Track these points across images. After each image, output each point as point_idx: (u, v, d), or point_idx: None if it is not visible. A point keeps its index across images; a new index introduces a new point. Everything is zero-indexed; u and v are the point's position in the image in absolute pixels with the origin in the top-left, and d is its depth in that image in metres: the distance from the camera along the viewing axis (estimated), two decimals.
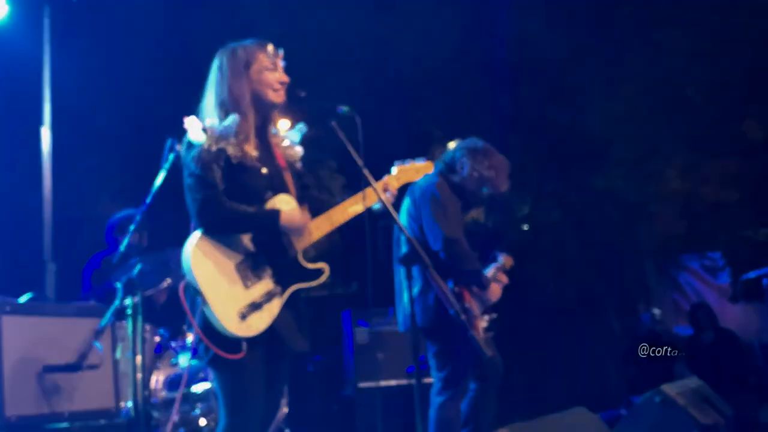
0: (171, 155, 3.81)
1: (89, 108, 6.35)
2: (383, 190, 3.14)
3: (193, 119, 2.89)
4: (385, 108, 8.35)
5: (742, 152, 8.29)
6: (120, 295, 4.13)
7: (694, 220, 8.88)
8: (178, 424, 4.58)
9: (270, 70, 2.95)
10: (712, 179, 8.54)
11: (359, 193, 3.03)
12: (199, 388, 4.70)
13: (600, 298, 8.58)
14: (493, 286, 4.33)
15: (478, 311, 4.19)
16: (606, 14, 8.11)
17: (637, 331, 8.58)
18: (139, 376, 4.04)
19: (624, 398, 7.40)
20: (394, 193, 3.21)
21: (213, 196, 2.79)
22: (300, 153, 3.14)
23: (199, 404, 4.69)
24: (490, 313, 4.32)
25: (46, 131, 5.80)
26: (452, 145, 4.51)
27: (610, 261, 8.67)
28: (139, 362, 4.01)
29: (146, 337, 4.62)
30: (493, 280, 4.37)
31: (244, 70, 2.93)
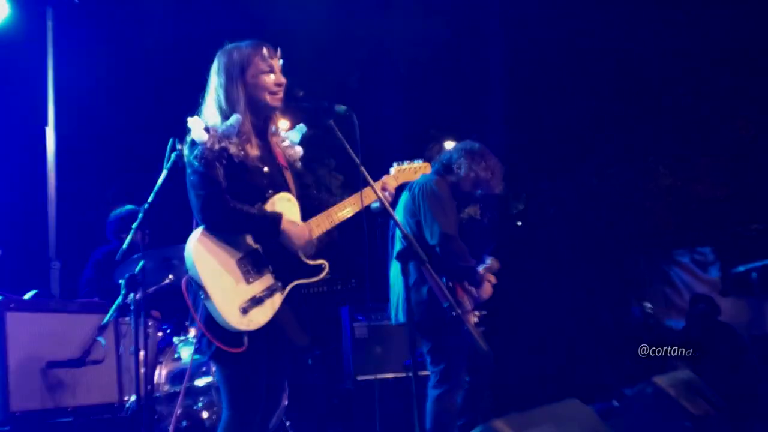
0: (173, 155, 3.86)
1: (93, 108, 6.37)
2: (383, 189, 3.21)
3: (196, 119, 2.94)
4: (382, 107, 8.40)
5: (733, 148, 8.36)
6: (123, 292, 4.18)
7: (684, 215, 8.94)
8: (181, 418, 4.64)
9: (266, 73, 2.97)
10: (703, 176, 8.61)
11: (358, 192, 3.06)
12: (201, 382, 4.76)
13: (593, 293, 8.64)
14: (485, 284, 4.41)
15: (469, 306, 4.26)
16: (598, 14, 8.16)
17: (627, 324, 8.64)
18: (142, 371, 4.09)
19: (617, 391, 7.45)
20: (392, 192, 3.27)
21: (216, 193, 2.83)
22: (300, 152, 3.20)
23: (201, 398, 4.74)
24: (480, 310, 4.40)
25: (50, 131, 5.83)
26: (449, 145, 4.57)
27: (602, 256, 8.73)
28: (141, 357, 4.07)
29: (149, 332, 4.69)
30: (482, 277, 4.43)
31: (239, 75, 2.95)
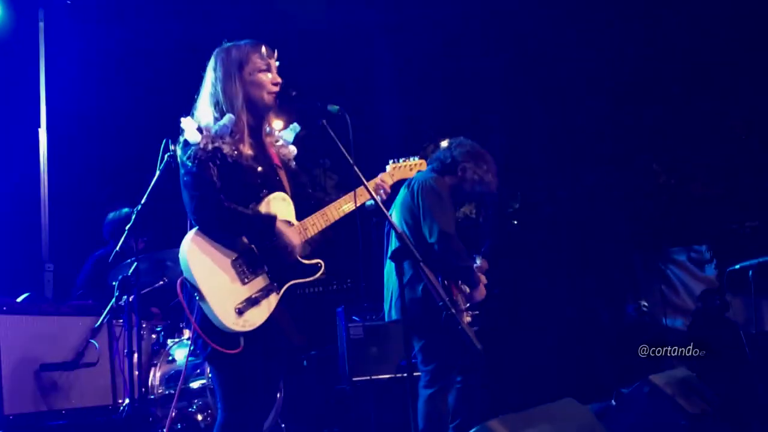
0: (166, 156, 3.85)
1: (85, 109, 6.34)
2: (378, 187, 3.20)
3: (189, 120, 2.92)
4: (376, 107, 8.39)
5: (728, 147, 8.36)
6: (116, 294, 4.17)
7: (680, 213, 8.94)
8: (176, 420, 4.62)
9: (263, 72, 2.96)
10: (698, 174, 8.61)
11: (353, 191, 3.05)
12: (196, 384, 4.74)
13: (589, 291, 8.63)
14: (480, 286, 4.39)
15: (463, 306, 4.24)
16: (592, 13, 8.16)
17: (624, 323, 8.64)
18: (136, 373, 4.08)
19: (614, 390, 7.44)
20: (388, 190, 3.26)
21: (210, 193, 2.81)
22: (294, 152, 3.18)
23: (196, 400, 4.73)
24: (474, 310, 4.38)
25: (43, 133, 5.82)
26: (444, 144, 4.53)
27: (598, 254, 8.72)
28: (135, 359, 4.06)
29: (143, 334, 4.67)
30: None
31: (237, 72, 2.95)
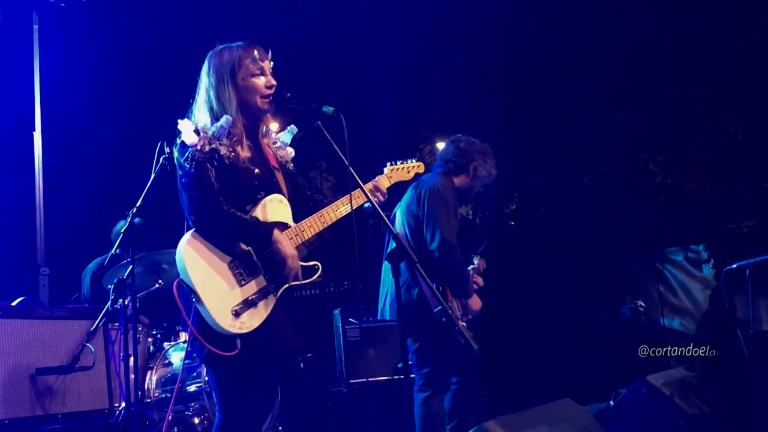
0: (162, 158, 3.84)
1: (80, 113, 6.33)
2: (375, 189, 3.19)
3: (186, 121, 2.91)
4: (372, 108, 8.39)
5: (724, 147, 8.37)
6: (111, 297, 4.15)
7: (677, 213, 8.95)
8: (173, 424, 4.61)
9: (256, 76, 2.95)
10: (695, 174, 8.62)
11: (349, 193, 3.02)
12: (192, 387, 4.73)
13: (587, 292, 8.64)
14: (474, 298, 4.36)
15: (458, 312, 4.23)
16: (589, 14, 8.17)
17: (621, 323, 8.65)
18: (132, 377, 4.06)
19: (613, 390, 7.44)
20: (385, 192, 3.25)
21: (208, 194, 2.81)
22: (291, 154, 3.17)
23: (192, 403, 4.72)
24: (468, 316, 4.37)
25: (37, 136, 5.79)
26: (447, 144, 4.50)
27: (596, 255, 8.73)
28: (131, 363, 4.04)
29: (139, 337, 4.65)
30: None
31: (229, 77, 2.93)
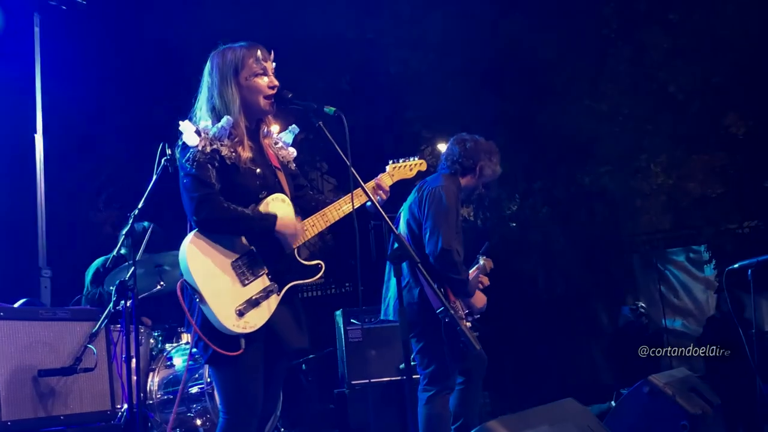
0: (163, 160, 3.84)
1: (82, 115, 6.35)
2: (378, 187, 3.19)
3: (187, 123, 2.91)
4: (373, 109, 8.40)
5: (725, 147, 8.37)
6: (113, 299, 4.15)
7: (679, 214, 8.96)
8: (175, 425, 4.61)
9: (259, 76, 2.95)
10: (696, 174, 8.61)
11: (351, 192, 3.01)
12: (194, 388, 4.73)
13: (588, 293, 8.64)
14: (477, 294, 4.35)
15: (462, 312, 4.23)
16: (590, 14, 8.18)
17: (620, 324, 8.65)
18: (134, 379, 4.06)
19: (615, 391, 7.45)
20: (387, 190, 3.24)
21: (209, 194, 2.80)
22: (293, 154, 3.17)
23: (194, 405, 4.72)
24: (474, 314, 4.36)
25: (39, 139, 5.79)
26: (450, 145, 4.49)
27: (597, 256, 8.73)
28: (133, 364, 4.04)
29: (141, 339, 4.65)
30: (474, 282, 4.40)
31: (232, 77, 2.93)
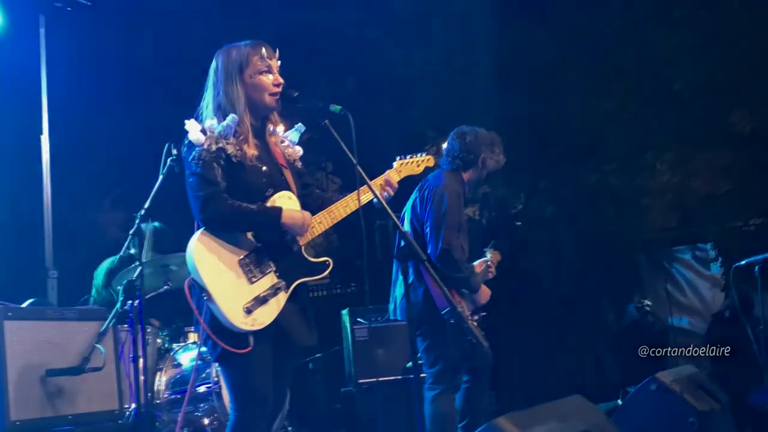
0: (169, 160, 3.85)
1: (88, 115, 6.36)
2: (386, 183, 3.19)
3: (193, 121, 2.93)
4: (378, 109, 8.39)
5: (731, 144, 8.34)
6: (121, 298, 4.17)
7: (685, 212, 8.92)
8: (182, 425, 4.61)
9: (264, 73, 2.96)
10: (702, 172, 8.58)
11: (357, 190, 3.01)
12: (202, 388, 4.74)
13: (594, 291, 8.62)
14: (482, 289, 4.37)
15: (468, 311, 4.23)
16: (595, 12, 8.16)
17: (629, 322, 8.64)
18: (142, 378, 4.07)
19: (622, 389, 7.43)
20: (395, 186, 3.24)
21: (215, 193, 2.82)
22: (299, 152, 3.18)
23: (202, 404, 4.73)
24: (480, 313, 4.37)
25: (45, 140, 5.80)
26: (452, 140, 4.49)
27: (603, 254, 8.71)
28: (141, 364, 4.05)
29: (148, 339, 4.67)
30: (481, 275, 4.40)
31: (237, 75, 2.94)
